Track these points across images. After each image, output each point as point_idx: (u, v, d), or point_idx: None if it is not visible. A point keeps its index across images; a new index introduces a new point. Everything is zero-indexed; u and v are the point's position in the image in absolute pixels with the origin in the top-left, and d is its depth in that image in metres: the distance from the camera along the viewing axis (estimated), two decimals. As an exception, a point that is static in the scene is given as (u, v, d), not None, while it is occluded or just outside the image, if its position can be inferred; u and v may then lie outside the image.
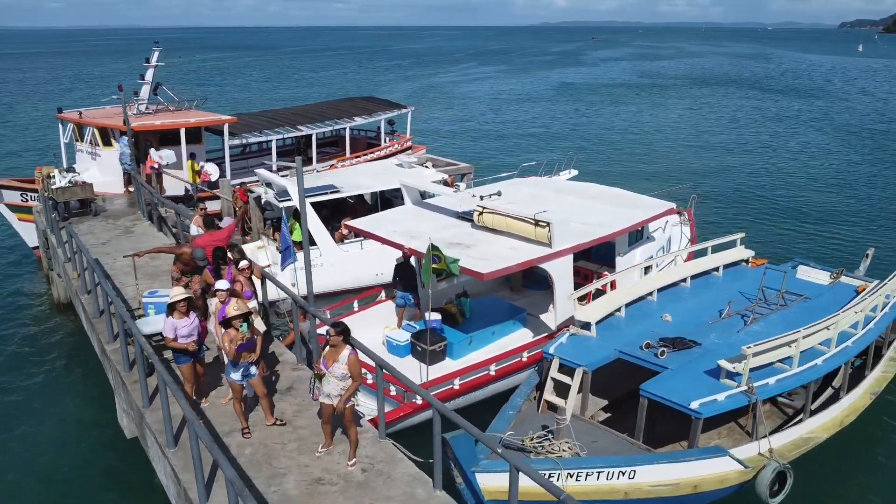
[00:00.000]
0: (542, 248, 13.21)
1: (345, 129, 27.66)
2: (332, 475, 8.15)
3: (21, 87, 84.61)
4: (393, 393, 12.09)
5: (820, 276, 15.29)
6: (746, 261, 16.18)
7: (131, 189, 21.45)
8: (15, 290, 20.01)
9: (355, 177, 21.00)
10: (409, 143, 30.71)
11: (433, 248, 11.27)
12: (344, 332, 8.14)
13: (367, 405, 11.08)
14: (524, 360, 13.30)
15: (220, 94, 78.94)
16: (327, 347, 8.22)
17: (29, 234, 20.97)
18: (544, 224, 13.05)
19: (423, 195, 17.19)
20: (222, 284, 9.72)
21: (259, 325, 9.68)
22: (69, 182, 18.23)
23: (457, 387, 12.45)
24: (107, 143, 22.16)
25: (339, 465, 8.35)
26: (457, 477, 8.60)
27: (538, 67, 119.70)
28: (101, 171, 22.26)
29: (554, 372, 11.43)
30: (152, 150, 21.74)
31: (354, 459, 8.42)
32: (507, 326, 15.00)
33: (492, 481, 8.76)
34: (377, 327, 15.05)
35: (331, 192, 19.29)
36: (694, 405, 9.69)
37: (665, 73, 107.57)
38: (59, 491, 11.26)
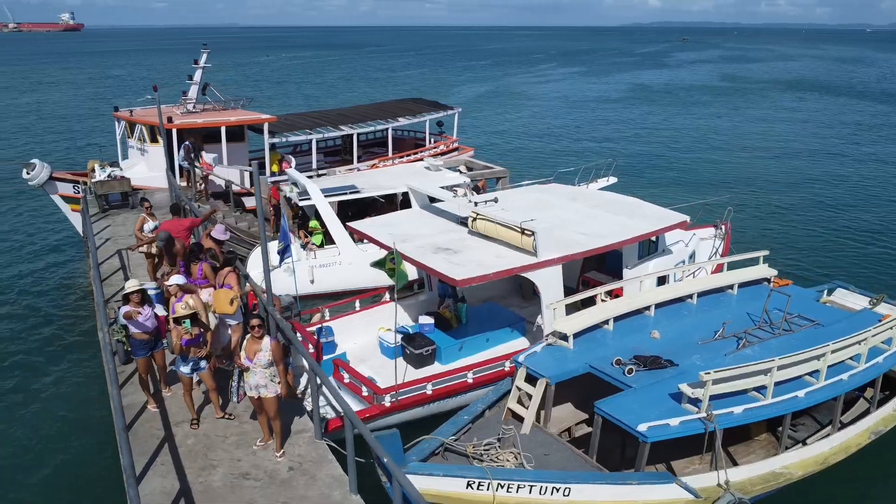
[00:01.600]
0: (528, 256, 13.13)
1: (387, 129, 28.13)
2: (259, 471, 8.47)
3: (119, 82, 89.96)
4: (364, 394, 12.36)
5: (858, 302, 14.50)
6: (768, 280, 15.51)
7: (188, 184, 22.69)
8: (63, 276, 21.40)
9: (378, 178, 21.37)
10: (456, 145, 30.92)
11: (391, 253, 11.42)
12: (263, 323, 8.51)
13: (331, 408, 11.35)
14: (506, 369, 13.27)
15: (298, 90, 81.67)
16: (246, 341, 8.56)
17: (79, 223, 22.44)
18: (530, 233, 12.98)
19: (433, 199, 17.38)
20: (177, 279, 10.10)
21: (211, 320, 10.10)
22: (108, 176, 19.37)
23: (429, 392, 12.58)
24: (154, 140, 23.39)
25: (270, 461, 8.66)
26: (382, 476, 8.74)
27: (618, 69, 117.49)
28: (149, 166, 23.52)
29: (520, 381, 11.38)
30: (204, 153, 22.86)
31: (282, 451, 8.75)
32: (503, 334, 14.99)
33: (421, 483, 8.83)
34: (375, 328, 15.35)
35: (350, 193, 19.74)
36: (641, 427, 9.46)
37: (749, 76, 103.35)
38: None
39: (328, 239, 19.72)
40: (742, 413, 10.10)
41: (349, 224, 16.36)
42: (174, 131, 22.68)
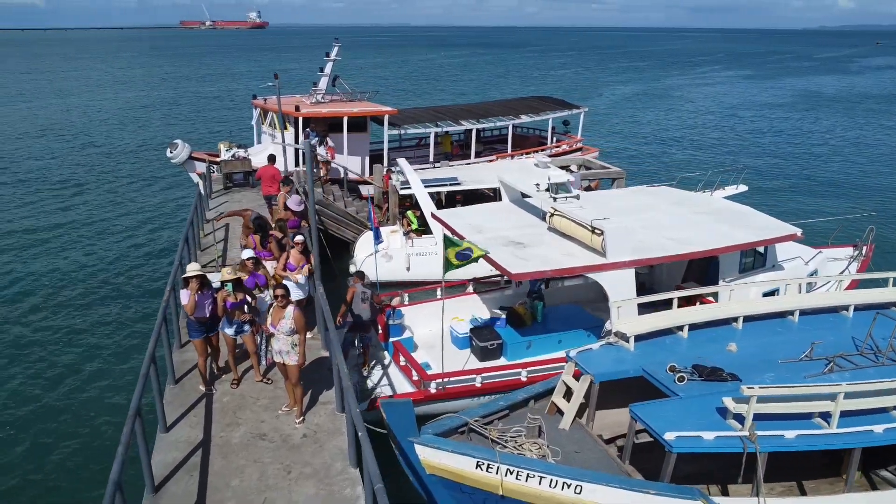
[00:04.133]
0: (596, 256, 12.68)
1: (508, 126, 28.12)
2: (275, 434, 8.88)
3: (290, 76, 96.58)
4: (414, 378, 12.53)
5: None
6: None
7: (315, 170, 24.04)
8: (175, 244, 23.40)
9: (482, 172, 21.44)
10: (580, 144, 30.29)
11: (448, 241, 11.40)
12: (287, 293, 8.86)
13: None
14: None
15: (453, 85, 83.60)
16: (272, 309, 8.98)
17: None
18: (599, 231, 12.51)
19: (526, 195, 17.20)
20: (246, 254, 10.75)
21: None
22: (232, 156, 20.92)
23: (478, 384, 12.50)
24: (284, 127, 24.91)
25: (289, 426, 9.06)
26: (395, 439, 9.00)
27: (790, 74, 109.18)
28: (277, 151, 25.09)
29: (567, 375, 11.08)
30: (328, 139, 24.11)
31: (302, 418, 9.11)
32: (578, 338, 14.54)
33: (429, 455, 9.04)
34: (451, 316, 15.46)
35: (451, 184, 19.98)
36: (669, 436, 8.86)
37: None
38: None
39: (426, 228, 20.09)
40: (794, 439, 9.16)
41: (435, 213, 16.58)
42: (300, 119, 24.02)
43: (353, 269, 20.56)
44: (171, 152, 23.32)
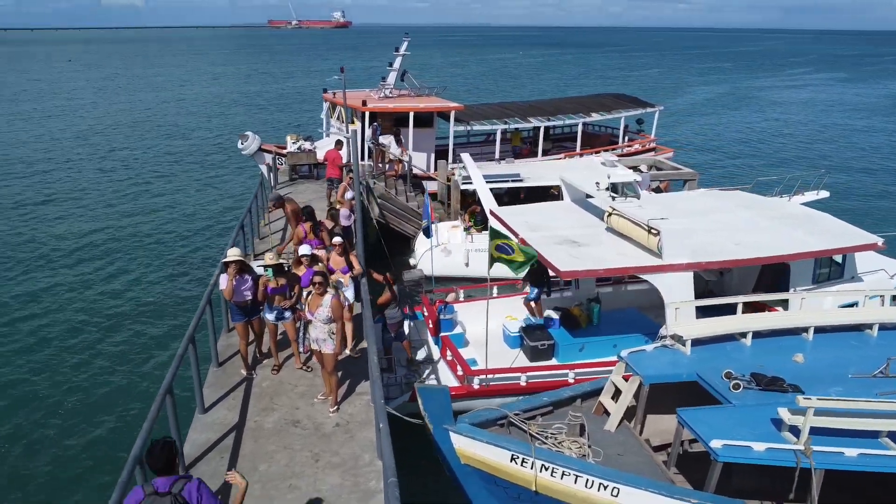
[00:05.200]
0: (652, 257, 12.15)
1: (577, 124, 27.50)
2: (308, 421, 8.86)
3: (369, 74, 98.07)
4: (458, 373, 12.35)
5: None
6: None
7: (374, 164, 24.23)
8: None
9: (546, 170, 21.03)
10: (653, 145, 29.37)
11: (494, 232, 11.13)
12: (325, 280, 8.80)
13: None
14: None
15: (530, 84, 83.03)
16: (310, 296, 8.94)
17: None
18: (655, 231, 11.98)
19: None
20: (304, 249, 10.74)
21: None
22: (298, 149, 21.26)
23: (523, 383, 12.20)
24: (351, 121, 25.15)
25: (322, 414, 9.02)
26: (427, 426, 9.01)
27: (889, 77, 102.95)
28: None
29: (616, 375, 10.71)
30: (401, 137, 24.19)
31: (337, 407, 9.06)
32: (636, 343, 13.91)
33: (464, 445, 9.00)
34: (504, 315, 15.20)
35: (512, 181, 19.67)
36: (715, 444, 8.36)
37: None
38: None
39: (486, 225, 19.84)
40: (856, 458, 8.49)
41: (493, 210, 16.33)
42: (367, 113, 24.18)
43: (412, 262, 20.56)
44: (241, 143, 23.94)
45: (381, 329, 13.04)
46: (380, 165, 23.44)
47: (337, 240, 11.61)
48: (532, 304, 15.17)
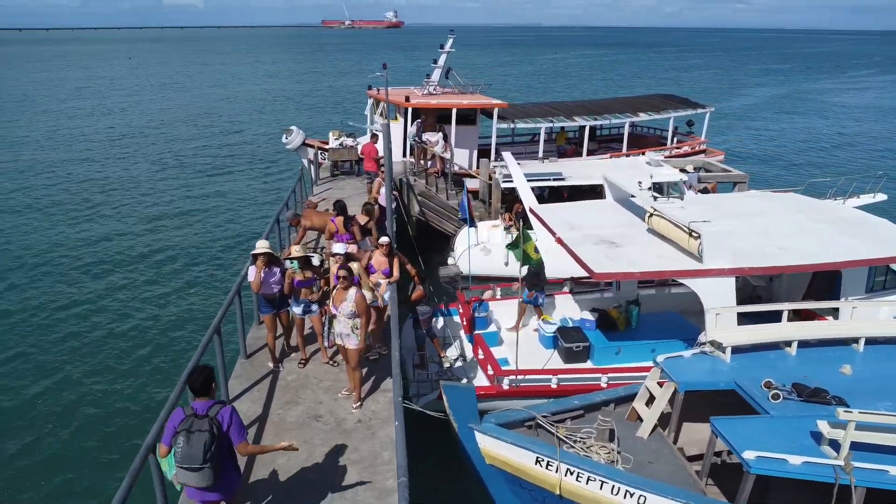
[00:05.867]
0: (691, 261, 11.70)
1: (624, 124, 26.95)
2: (331, 416, 8.77)
3: (415, 74, 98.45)
4: (489, 372, 12.13)
5: None
6: None
7: (417, 160, 24.20)
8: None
9: (588, 168, 20.61)
10: (703, 146, 28.60)
11: (526, 234, 10.88)
12: (350, 274, 8.76)
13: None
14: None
15: (581, 84, 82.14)
16: (335, 291, 8.84)
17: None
18: (696, 235, 11.53)
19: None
20: (338, 248, 10.57)
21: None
22: (339, 145, 21.33)
23: (554, 385, 11.91)
24: (394, 117, 25.14)
25: (345, 410, 8.93)
26: (453, 424, 8.94)
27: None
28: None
29: (651, 381, 10.35)
30: (431, 132, 24.12)
31: (360, 403, 8.95)
32: (674, 348, 13.48)
33: (489, 445, 8.87)
34: (549, 314, 14.93)
35: (553, 180, 19.33)
36: (748, 455, 7.95)
37: None
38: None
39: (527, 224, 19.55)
40: (900, 476, 7.95)
41: (531, 206, 16.03)
42: (409, 109, 24.13)
43: (450, 261, 20.39)
44: (286, 138, 24.15)
45: (413, 325, 12.95)
46: (421, 163, 23.36)
47: (384, 239, 11.02)
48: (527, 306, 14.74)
